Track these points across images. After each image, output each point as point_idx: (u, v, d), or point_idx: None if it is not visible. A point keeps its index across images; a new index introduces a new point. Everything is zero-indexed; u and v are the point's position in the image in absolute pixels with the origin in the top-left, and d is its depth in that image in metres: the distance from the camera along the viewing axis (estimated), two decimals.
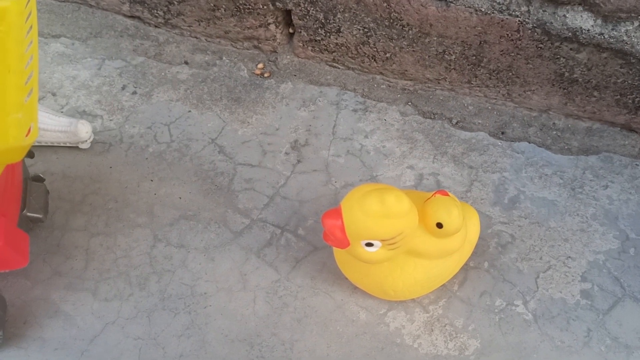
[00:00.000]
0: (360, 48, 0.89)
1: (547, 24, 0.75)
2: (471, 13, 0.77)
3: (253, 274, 0.74)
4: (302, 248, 0.76)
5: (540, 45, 0.78)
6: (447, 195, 0.63)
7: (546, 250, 0.75)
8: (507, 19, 0.76)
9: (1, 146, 0.51)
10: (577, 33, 0.74)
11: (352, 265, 0.66)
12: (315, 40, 0.91)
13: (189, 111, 0.90)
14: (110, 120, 0.89)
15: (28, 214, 0.70)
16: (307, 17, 0.88)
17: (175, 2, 0.94)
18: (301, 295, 0.72)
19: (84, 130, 0.82)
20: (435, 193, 0.63)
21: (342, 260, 0.67)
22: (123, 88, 0.93)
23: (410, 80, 0.91)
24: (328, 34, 0.89)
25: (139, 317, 0.71)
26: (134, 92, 0.92)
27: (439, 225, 0.61)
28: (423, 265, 0.64)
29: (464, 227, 0.64)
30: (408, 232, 0.59)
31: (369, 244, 0.59)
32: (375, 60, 0.90)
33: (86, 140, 0.84)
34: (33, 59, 0.55)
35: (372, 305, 0.71)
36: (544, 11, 0.74)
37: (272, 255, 0.75)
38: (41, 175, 0.74)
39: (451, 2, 0.77)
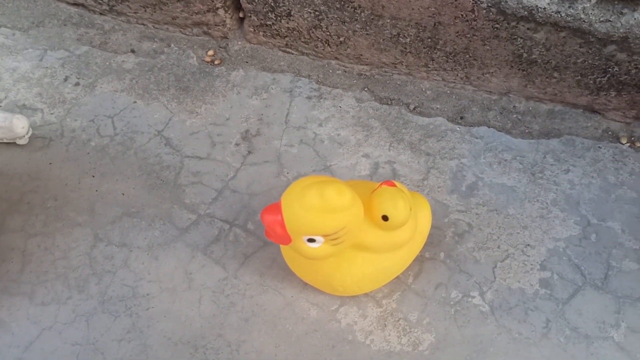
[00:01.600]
0: (313, 32, 0.85)
1: (502, 3, 0.72)
2: None
3: (199, 272, 0.70)
4: (252, 243, 0.73)
5: (497, 26, 0.75)
6: (394, 185, 0.59)
7: (504, 239, 0.73)
8: None
9: None
10: (533, 12, 0.71)
11: (300, 262, 0.63)
12: (266, 25, 0.87)
13: (135, 102, 0.86)
14: (51, 113, 0.84)
15: None
16: (256, 0, 0.84)
17: None
18: (249, 293, 0.69)
19: (19, 126, 0.77)
20: (381, 184, 0.60)
21: (289, 256, 0.64)
22: (65, 79, 0.88)
23: (367, 65, 0.87)
24: (279, 18, 0.85)
25: (77, 322, 0.67)
26: (77, 84, 0.88)
27: (385, 218, 0.57)
28: (371, 259, 0.61)
29: (414, 218, 0.61)
30: (352, 226, 0.56)
31: (311, 240, 0.56)
32: (329, 44, 0.86)
33: (23, 136, 0.79)
34: None
35: (324, 301, 0.68)
36: None
37: (219, 252, 0.72)
38: None
39: None
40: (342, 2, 0.79)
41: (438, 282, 0.69)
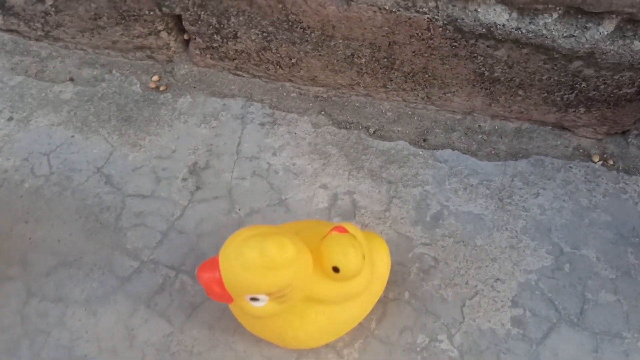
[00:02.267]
0: (262, 54, 0.79)
1: (459, 20, 0.66)
2: (375, 12, 0.68)
3: (142, 328, 0.64)
4: (199, 292, 0.67)
5: (455, 44, 0.70)
6: (345, 231, 0.54)
7: (472, 273, 0.68)
8: (414, 16, 0.67)
9: None
10: (492, 29, 0.66)
11: (248, 317, 0.57)
12: (213, 47, 0.81)
13: (72, 136, 0.79)
14: None
15: None
16: (199, 22, 0.78)
17: (52, 13, 0.82)
18: (197, 349, 0.63)
19: None
20: (331, 230, 0.54)
21: (238, 310, 0.58)
22: None
23: (323, 86, 0.82)
24: (225, 39, 0.79)
25: None
26: (10, 118, 0.81)
27: (336, 270, 0.52)
28: (325, 312, 0.56)
29: (369, 264, 0.56)
30: (298, 282, 0.50)
31: (254, 299, 0.50)
32: (280, 66, 0.80)
33: None
34: None
35: (279, 355, 0.62)
36: (454, 6, 0.66)
37: (164, 304, 0.66)
38: None
39: (352, 0, 0.67)
40: (290, 23, 0.73)
41: (403, 326, 0.64)
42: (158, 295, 0.66)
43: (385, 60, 0.74)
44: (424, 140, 0.78)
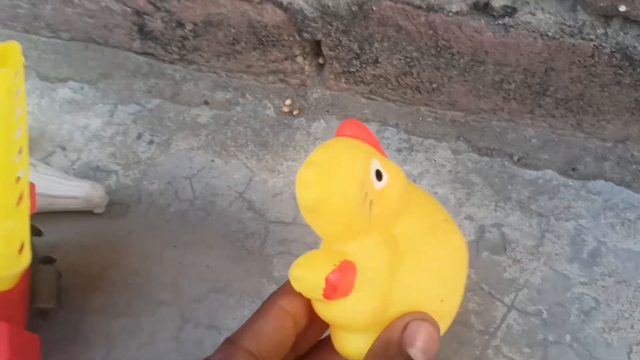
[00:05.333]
0: (402, 79, 0.78)
1: (630, 48, 0.63)
2: (535, 38, 0.65)
3: None
4: None
5: (620, 72, 0.66)
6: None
7: (637, 317, 0.64)
8: (579, 43, 0.64)
9: None
10: None
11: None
12: (349, 72, 0.80)
13: (212, 160, 0.80)
14: (127, 176, 0.80)
15: (38, 306, 0.61)
16: (340, 47, 0.77)
17: (190, 37, 0.84)
18: None
19: (96, 196, 0.73)
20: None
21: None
22: (139, 137, 0.83)
23: (461, 111, 0.79)
24: (364, 64, 0.78)
25: None
26: (151, 142, 0.83)
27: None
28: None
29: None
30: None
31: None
32: (419, 91, 0.78)
33: (100, 205, 0.75)
34: (22, 152, 0.46)
35: None
36: (626, 34, 0.62)
37: None
38: (52, 256, 0.66)
39: (511, 27, 0.65)
40: (439, 49, 0.71)
41: None
42: None
43: (538, 86, 0.71)
44: (573, 169, 0.74)
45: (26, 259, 0.41)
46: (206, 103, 0.87)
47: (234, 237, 0.74)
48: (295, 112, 0.84)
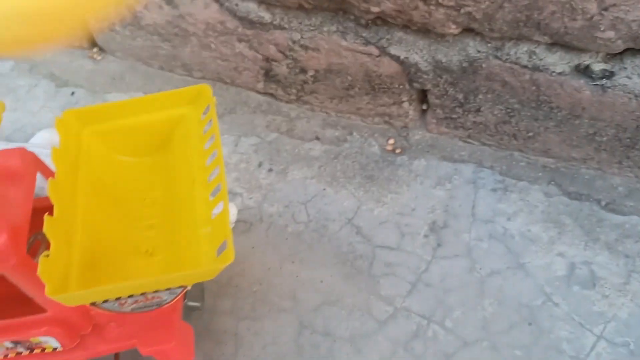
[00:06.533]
0: (501, 127, 0.87)
1: None
2: (630, 99, 0.73)
3: None
4: (451, 342, 0.74)
5: None
6: None
7: None
8: None
9: (194, 265, 0.53)
10: None
11: None
12: (451, 118, 0.90)
13: (324, 189, 0.91)
14: (250, 198, 0.92)
15: (188, 303, 0.72)
16: (445, 96, 0.87)
17: (310, 82, 0.96)
18: None
19: (232, 213, 0.84)
20: None
21: None
22: (259, 165, 0.95)
23: (553, 158, 0.88)
24: (466, 112, 0.88)
25: None
26: (270, 170, 0.95)
27: None
28: None
29: None
30: None
31: None
32: (515, 138, 0.87)
33: (232, 222, 0.86)
34: (219, 171, 0.57)
35: None
36: None
37: (420, 349, 0.74)
38: None
39: (608, 87, 0.74)
40: (539, 102, 0.80)
41: None
42: (414, 341, 0.75)
43: (628, 140, 0.79)
44: None
45: (229, 256, 0.52)
46: (317, 139, 0.98)
47: (344, 258, 0.83)
48: (397, 151, 0.94)
